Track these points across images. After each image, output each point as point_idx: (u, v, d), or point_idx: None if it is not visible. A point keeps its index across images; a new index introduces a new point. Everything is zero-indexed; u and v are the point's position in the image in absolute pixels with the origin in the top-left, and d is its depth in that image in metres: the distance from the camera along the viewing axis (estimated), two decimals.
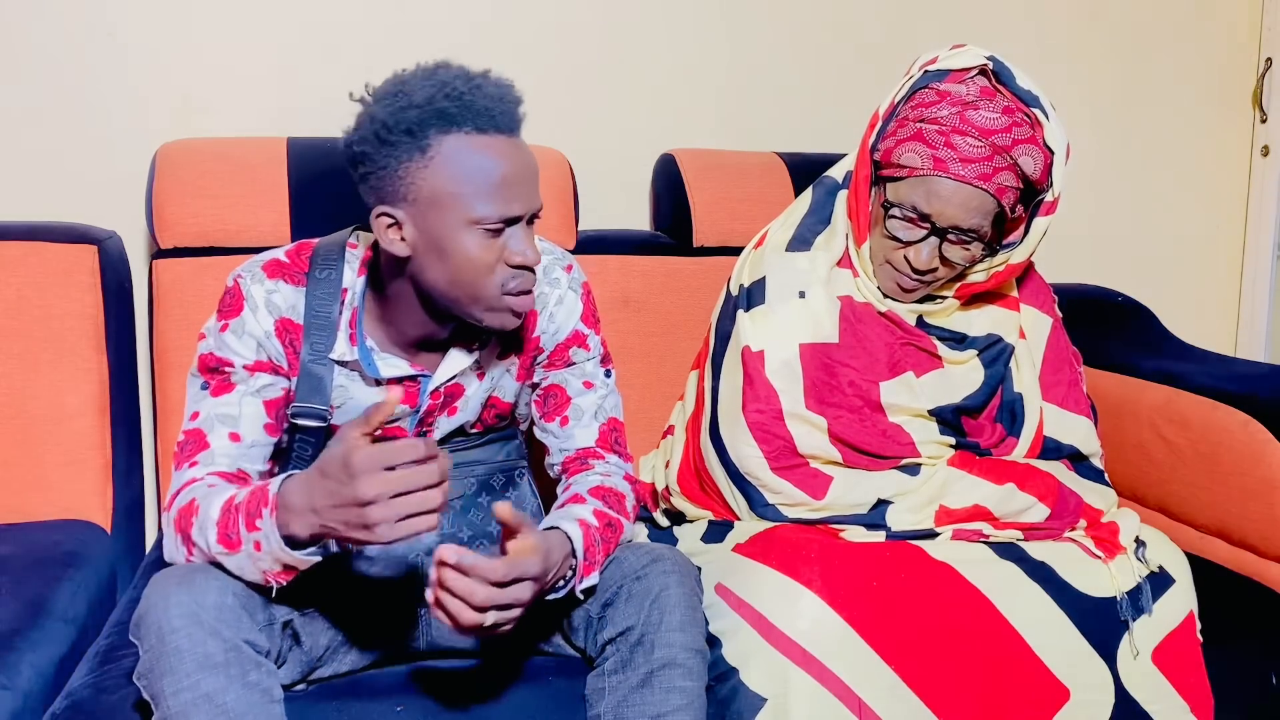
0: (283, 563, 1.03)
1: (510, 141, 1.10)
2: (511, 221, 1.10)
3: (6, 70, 1.74)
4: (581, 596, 1.16)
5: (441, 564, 1.00)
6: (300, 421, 1.20)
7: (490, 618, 1.01)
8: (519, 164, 1.10)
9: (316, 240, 1.24)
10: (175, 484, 1.14)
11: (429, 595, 1.02)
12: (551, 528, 1.14)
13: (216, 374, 1.18)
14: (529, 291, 1.14)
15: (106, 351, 1.60)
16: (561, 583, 1.13)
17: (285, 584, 1.06)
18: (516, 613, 1.04)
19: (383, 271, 1.18)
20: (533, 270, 1.13)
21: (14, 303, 1.55)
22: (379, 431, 0.98)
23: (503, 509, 1.03)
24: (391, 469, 0.95)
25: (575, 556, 1.13)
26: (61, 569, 1.39)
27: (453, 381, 1.24)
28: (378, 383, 1.22)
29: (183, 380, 1.58)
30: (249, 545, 1.02)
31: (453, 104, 1.06)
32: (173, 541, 1.11)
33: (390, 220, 1.11)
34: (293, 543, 1.01)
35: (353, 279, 1.21)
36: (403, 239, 1.11)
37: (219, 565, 1.06)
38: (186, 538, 1.08)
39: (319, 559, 1.04)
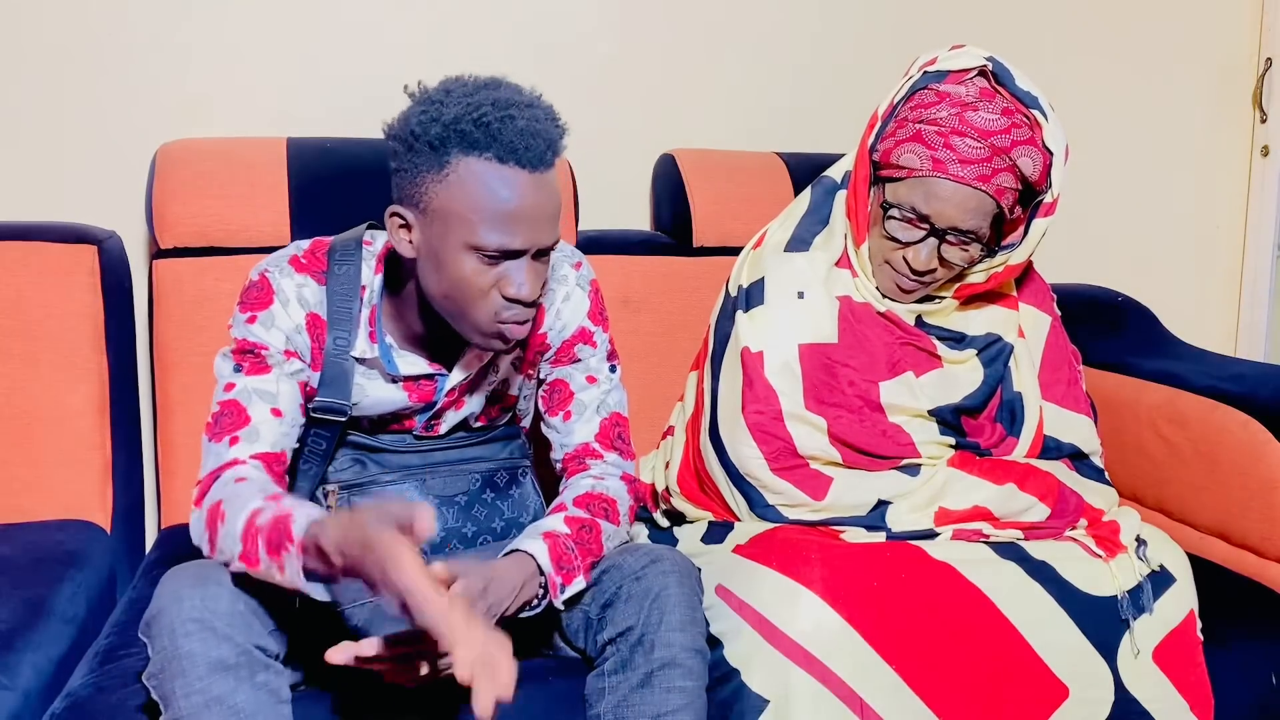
0: (307, 591, 1.03)
1: (531, 177, 1.08)
2: (510, 255, 1.10)
3: (7, 70, 1.74)
4: (562, 607, 1.16)
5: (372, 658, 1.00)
6: (319, 415, 1.21)
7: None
8: (533, 201, 1.08)
9: (330, 238, 1.24)
10: (216, 458, 1.14)
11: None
12: (512, 551, 1.15)
13: (251, 356, 1.17)
14: (523, 323, 1.14)
15: (106, 351, 1.60)
16: (536, 600, 1.13)
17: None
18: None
19: (398, 270, 1.19)
20: (529, 304, 1.12)
21: (14, 303, 1.55)
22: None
23: (440, 570, 1.01)
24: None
25: (543, 573, 1.13)
26: (61, 569, 1.39)
27: (465, 379, 1.25)
28: (394, 380, 1.23)
29: (183, 380, 1.59)
30: (271, 568, 1.02)
31: (479, 130, 1.06)
32: (201, 529, 1.11)
33: (401, 221, 1.12)
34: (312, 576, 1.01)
35: (370, 275, 1.22)
36: (410, 241, 1.12)
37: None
38: (212, 538, 1.08)
39: (328, 598, 1.04)
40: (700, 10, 2.02)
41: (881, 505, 1.35)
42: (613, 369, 1.34)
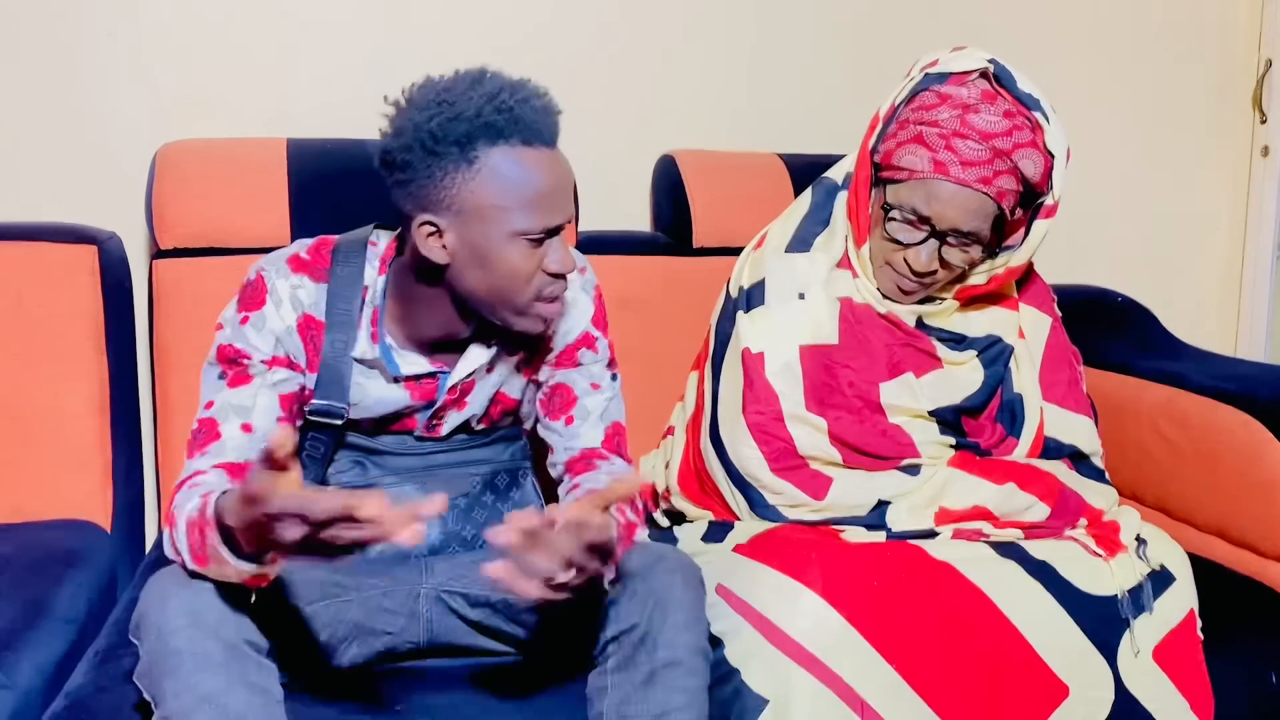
0: (248, 572, 1.01)
1: (551, 154, 1.11)
2: (552, 232, 1.12)
3: (7, 70, 1.74)
4: (609, 588, 1.15)
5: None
6: (316, 419, 1.20)
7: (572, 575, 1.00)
8: (559, 176, 1.12)
9: (335, 237, 1.24)
10: (183, 475, 1.14)
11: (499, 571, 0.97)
12: None
13: (234, 365, 1.17)
14: (560, 297, 1.17)
15: (106, 351, 1.60)
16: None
17: (263, 587, 1.05)
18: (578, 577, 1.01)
19: (412, 274, 1.18)
20: (564, 277, 1.15)
21: (14, 303, 1.55)
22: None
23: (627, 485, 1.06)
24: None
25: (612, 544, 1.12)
26: (61, 569, 1.39)
27: (468, 378, 1.25)
28: (396, 380, 1.23)
29: (183, 380, 1.59)
30: (214, 560, 1.00)
31: (502, 117, 1.07)
32: (167, 541, 1.11)
33: (432, 229, 1.11)
34: (242, 553, 0.98)
35: (373, 277, 1.21)
36: (444, 246, 1.11)
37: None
38: (175, 546, 1.08)
39: (269, 573, 1.01)
40: (700, 10, 2.02)
41: (882, 505, 1.35)
42: (614, 377, 1.34)
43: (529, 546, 0.98)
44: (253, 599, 1.06)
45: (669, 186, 1.89)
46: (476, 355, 1.24)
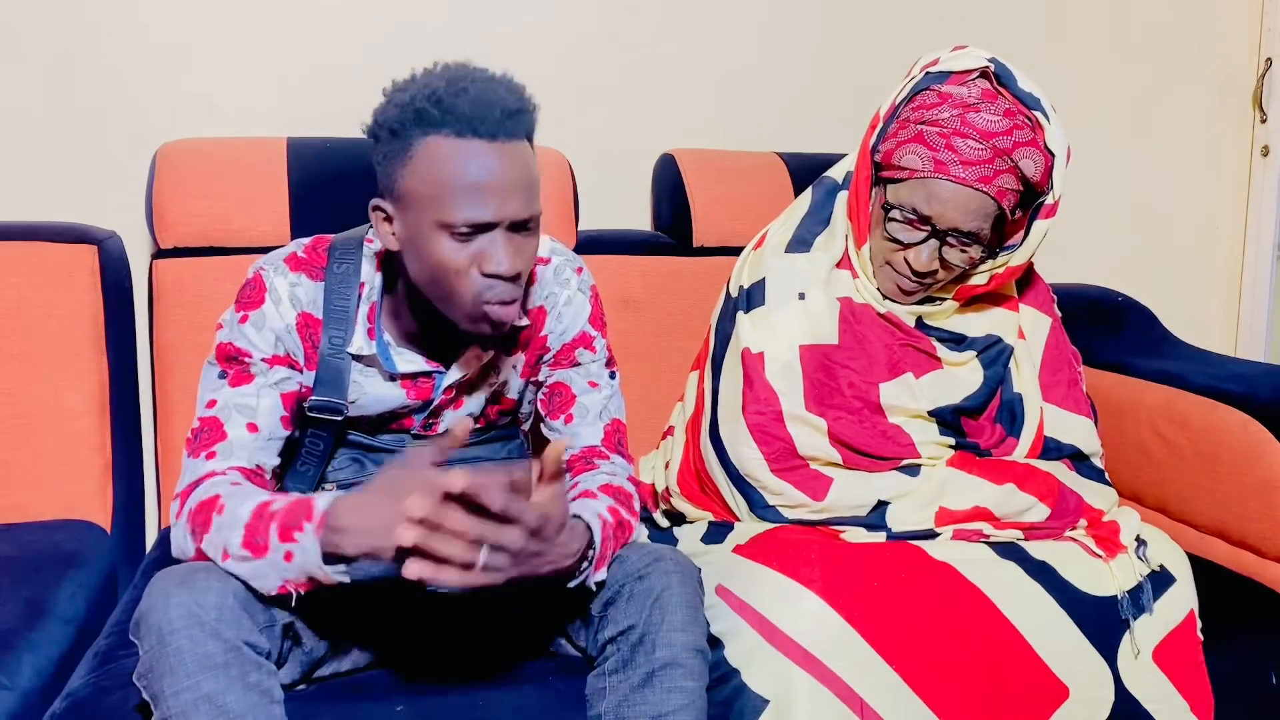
0: (310, 576, 1.03)
1: (493, 147, 1.06)
2: (482, 228, 1.08)
3: (6, 70, 1.74)
4: (594, 588, 1.15)
5: (447, 496, 0.97)
6: (316, 415, 1.21)
7: (483, 556, 0.98)
8: (496, 171, 1.06)
9: (333, 235, 1.25)
10: (192, 473, 1.14)
11: (408, 537, 0.97)
12: (574, 517, 1.12)
13: (235, 363, 1.17)
14: (509, 302, 1.11)
15: (106, 351, 1.60)
16: (578, 571, 1.12)
17: (303, 594, 1.05)
18: (504, 560, 1.00)
19: (392, 265, 1.19)
20: (511, 280, 1.10)
21: (14, 303, 1.55)
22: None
23: (555, 451, 1.03)
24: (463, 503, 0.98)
25: (593, 548, 1.12)
26: (61, 569, 1.39)
27: (463, 378, 1.25)
28: (393, 378, 1.23)
29: (183, 380, 1.59)
30: (277, 555, 1.02)
31: (432, 106, 1.06)
32: (183, 533, 1.10)
33: (383, 214, 1.13)
34: (329, 559, 1.01)
35: (370, 273, 1.22)
36: (393, 233, 1.12)
37: (226, 567, 1.06)
38: (199, 532, 1.08)
39: (347, 579, 1.03)
40: (701, 10, 2.02)
41: (882, 505, 1.35)
42: (612, 375, 1.34)
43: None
44: (292, 601, 1.07)
45: (669, 186, 1.89)
46: (472, 357, 1.24)
